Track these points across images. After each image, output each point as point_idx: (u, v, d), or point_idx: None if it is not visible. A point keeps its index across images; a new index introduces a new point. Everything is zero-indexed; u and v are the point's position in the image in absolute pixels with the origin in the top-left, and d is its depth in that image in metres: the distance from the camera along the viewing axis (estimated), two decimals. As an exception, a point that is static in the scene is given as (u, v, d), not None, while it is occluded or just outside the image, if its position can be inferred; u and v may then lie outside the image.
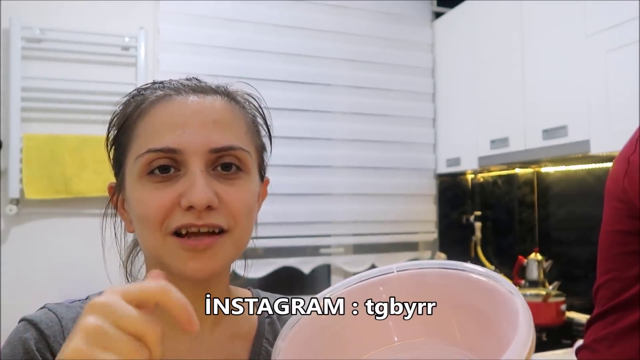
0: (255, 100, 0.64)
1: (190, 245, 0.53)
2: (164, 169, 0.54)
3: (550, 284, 2.13)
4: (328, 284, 2.59)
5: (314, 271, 2.51)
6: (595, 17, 1.74)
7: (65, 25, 2.13)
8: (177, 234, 0.54)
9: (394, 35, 2.70)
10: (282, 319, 0.68)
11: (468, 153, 2.44)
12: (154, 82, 0.62)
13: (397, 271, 0.58)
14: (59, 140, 2.06)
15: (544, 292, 2.03)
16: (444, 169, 2.67)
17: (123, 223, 0.65)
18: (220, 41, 2.36)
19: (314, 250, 2.54)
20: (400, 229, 2.67)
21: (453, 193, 2.85)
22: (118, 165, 0.61)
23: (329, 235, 2.55)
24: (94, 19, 2.18)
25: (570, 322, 2.01)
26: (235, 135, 0.57)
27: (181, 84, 0.59)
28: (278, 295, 0.73)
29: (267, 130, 0.65)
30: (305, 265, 2.48)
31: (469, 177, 2.83)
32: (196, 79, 0.61)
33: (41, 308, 0.59)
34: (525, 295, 2.02)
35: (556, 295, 2.04)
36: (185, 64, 2.25)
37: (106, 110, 2.38)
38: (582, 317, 2.01)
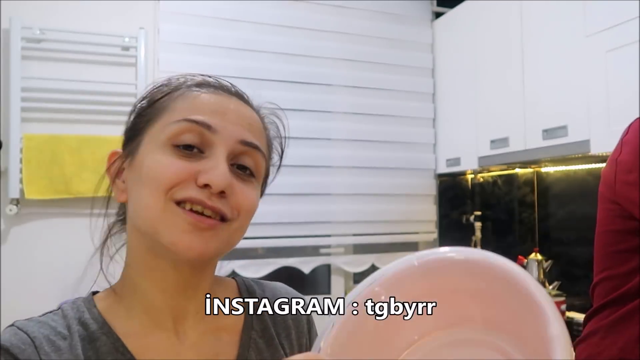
0: (280, 127, 0.66)
1: (193, 218, 0.52)
2: (189, 147, 0.54)
3: (550, 284, 2.13)
4: (328, 284, 2.59)
5: (314, 271, 2.51)
6: (595, 17, 1.74)
7: (65, 25, 2.13)
8: (180, 204, 0.53)
9: (394, 35, 2.70)
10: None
11: (468, 153, 2.44)
12: (191, 74, 0.63)
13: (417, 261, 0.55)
14: (59, 140, 2.06)
15: (544, 292, 2.02)
16: (444, 169, 2.67)
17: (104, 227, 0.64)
18: (220, 41, 2.36)
19: (314, 250, 2.54)
20: (400, 229, 2.67)
21: (453, 193, 2.85)
22: (133, 133, 0.59)
23: (329, 235, 2.55)
24: (94, 19, 2.18)
25: (571, 322, 2.01)
26: (259, 140, 0.59)
27: (220, 83, 0.61)
28: (265, 283, 0.71)
29: (280, 158, 0.67)
30: (305, 265, 2.48)
31: (469, 177, 2.83)
32: (230, 83, 0.63)
33: (10, 326, 0.54)
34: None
35: (556, 295, 2.04)
36: (185, 64, 2.25)
37: (106, 111, 2.39)
38: (582, 317, 2.00)
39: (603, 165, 2.00)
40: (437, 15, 2.78)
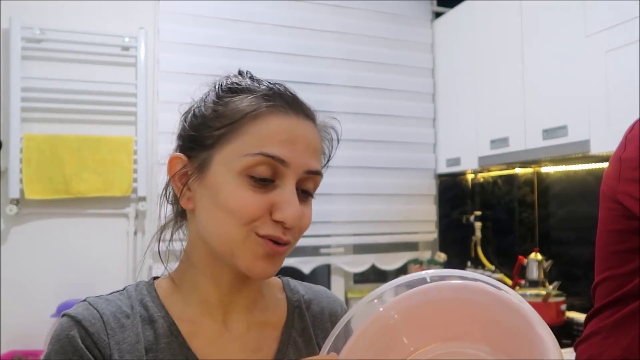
0: (334, 133, 0.70)
1: (272, 249, 0.58)
2: (263, 179, 0.58)
3: (550, 284, 2.13)
4: (328, 284, 2.59)
5: (314, 271, 2.51)
6: (595, 17, 1.74)
7: (65, 26, 2.13)
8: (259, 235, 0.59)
9: (394, 35, 2.70)
10: (311, 310, 0.71)
11: (468, 153, 2.44)
12: (254, 77, 0.67)
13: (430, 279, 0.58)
14: (59, 140, 2.06)
15: (544, 292, 2.03)
16: (444, 169, 2.67)
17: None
18: (220, 41, 2.36)
19: (314, 250, 2.54)
20: (400, 229, 2.67)
21: (453, 193, 2.85)
22: (202, 146, 0.61)
23: (329, 235, 2.55)
24: (94, 19, 2.18)
25: (571, 322, 2.01)
26: (319, 162, 0.64)
27: (287, 94, 0.63)
28: (308, 285, 0.76)
29: (327, 161, 0.70)
30: (305, 265, 2.48)
31: (469, 177, 2.83)
32: (291, 91, 0.65)
33: (82, 301, 0.61)
34: (525, 295, 2.03)
35: (556, 295, 2.04)
36: (185, 64, 2.25)
37: (106, 111, 2.40)
38: (582, 317, 2.00)
39: (603, 165, 2.01)
40: (437, 15, 2.78)
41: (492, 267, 2.56)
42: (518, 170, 2.50)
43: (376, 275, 2.73)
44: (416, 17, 2.76)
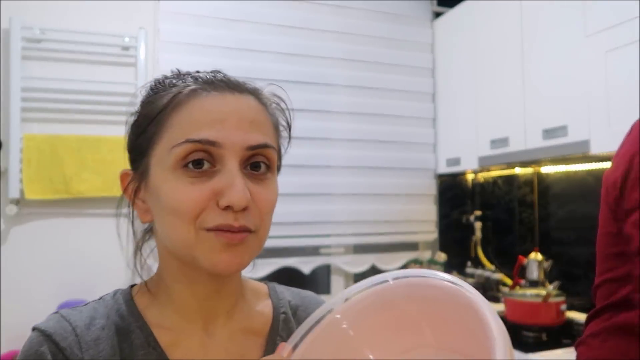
0: (282, 102, 0.65)
1: (226, 239, 0.53)
2: (198, 163, 0.54)
3: (550, 283, 2.13)
4: (328, 284, 2.59)
5: (314, 271, 2.51)
6: (595, 17, 1.74)
7: (65, 25, 2.13)
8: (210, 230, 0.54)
9: (394, 35, 2.70)
10: (297, 317, 0.68)
11: (468, 153, 2.44)
12: (182, 73, 0.62)
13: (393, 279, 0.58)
14: (59, 140, 2.06)
15: (544, 292, 2.03)
16: (444, 169, 2.67)
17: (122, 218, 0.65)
18: (220, 41, 2.36)
19: (314, 250, 2.54)
20: (400, 229, 2.67)
21: (453, 193, 2.85)
22: (140, 153, 0.59)
23: (329, 235, 2.55)
24: (94, 19, 2.18)
25: (571, 322, 2.01)
26: (266, 135, 0.58)
27: (214, 77, 0.59)
28: (296, 290, 0.73)
29: (288, 133, 0.66)
30: (305, 265, 2.48)
31: (469, 177, 2.83)
32: (223, 74, 0.61)
33: (54, 313, 0.58)
34: (525, 295, 2.03)
35: (556, 295, 2.04)
36: (185, 64, 2.22)
37: (106, 111, 2.40)
38: (582, 317, 2.00)
39: (603, 165, 2.01)
40: (437, 15, 2.78)
41: (492, 267, 2.56)
42: (518, 170, 2.50)
43: (376, 275, 2.73)
44: (416, 17, 2.76)
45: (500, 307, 2.13)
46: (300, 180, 2.45)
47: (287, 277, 2.47)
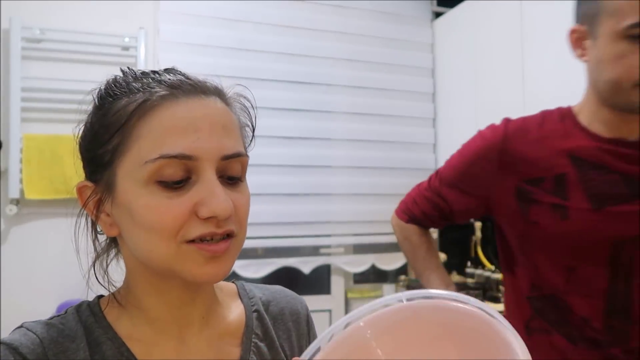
0: (245, 100, 0.62)
1: (210, 252, 0.52)
2: (173, 177, 0.52)
3: (550, 284, 2.13)
4: (328, 284, 2.59)
5: (314, 271, 2.51)
6: (595, 17, 1.74)
7: (65, 25, 2.13)
8: (191, 242, 0.53)
9: (394, 35, 2.70)
10: (270, 312, 0.67)
11: (468, 153, 2.44)
12: (137, 75, 0.59)
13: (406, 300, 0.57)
14: (59, 140, 2.06)
15: (544, 292, 2.02)
16: (444, 169, 2.66)
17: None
18: (220, 41, 2.36)
19: (314, 250, 2.54)
20: (400, 229, 2.66)
21: (453, 193, 2.85)
22: (101, 165, 0.56)
23: (329, 235, 2.55)
24: (94, 19, 2.18)
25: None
26: (237, 140, 0.57)
27: (179, 80, 0.56)
28: (264, 286, 0.71)
29: (252, 131, 0.63)
30: (305, 265, 2.48)
31: (469, 177, 2.82)
32: (182, 74, 0.57)
33: (18, 328, 0.55)
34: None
35: (556, 295, 2.04)
36: (185, 64, 2.22)
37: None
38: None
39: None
40: (437, 15, 2.78)
41: (492, 267, 2.56)
42: (518, 170, 2.50)
43: (376, 275, 2.73)
44: (416, 17, 2.76)
45: (500, 307, 2.13)
46: (301, 180, 2.44)
47: (287, 277, 2.47)
